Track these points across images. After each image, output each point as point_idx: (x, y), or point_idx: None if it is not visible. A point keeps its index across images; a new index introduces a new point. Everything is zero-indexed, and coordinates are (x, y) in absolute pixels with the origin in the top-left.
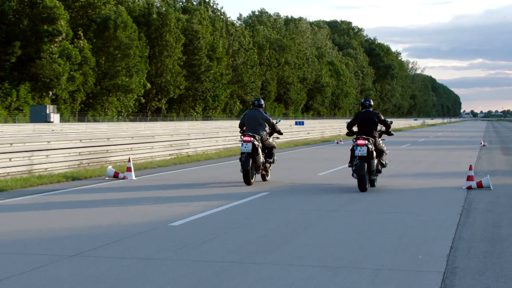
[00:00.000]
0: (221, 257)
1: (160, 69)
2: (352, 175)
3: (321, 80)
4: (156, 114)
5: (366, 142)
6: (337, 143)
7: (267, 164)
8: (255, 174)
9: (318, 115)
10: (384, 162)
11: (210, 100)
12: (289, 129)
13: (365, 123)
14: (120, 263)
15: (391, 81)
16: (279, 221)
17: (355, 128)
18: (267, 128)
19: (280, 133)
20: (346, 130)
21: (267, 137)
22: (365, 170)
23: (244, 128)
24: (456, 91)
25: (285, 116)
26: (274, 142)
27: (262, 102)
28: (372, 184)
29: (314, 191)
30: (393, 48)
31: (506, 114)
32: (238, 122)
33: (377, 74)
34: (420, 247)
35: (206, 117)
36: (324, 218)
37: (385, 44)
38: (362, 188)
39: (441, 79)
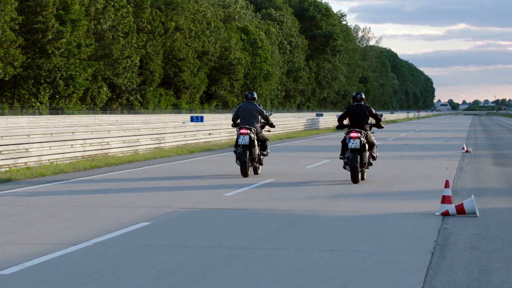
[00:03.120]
0: None
1: None
2: (344, 167)
3: (230, 55)
4: None
5: (359, 135)
6: None
7: (261, 157)
8: (251, 166)
9: (225, 106)
10: (375, 155)
11: (62, 85)
12: (180, 128)
13: (357, 117)
14: None
15: (332, 58)
16: (163, 266)
17: (345, 122)
18: (260, 121)
19: (272, 126)
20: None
21: (260, 129)
22: (358, 162)
23: (238, 121)
24: (428, 71)
25: (176, 108)
26: (267, 135)
27: (255, 95)
28: (362, 177)
29: (220, 219)
30: (335, 8)
31: (500, 106)
32: (112, 116)
33: (312, 47)
34: None
35: (55, 109)
36: (232, 260)
37: (323, 2)
38: (354, 180)
39: (405, 54)
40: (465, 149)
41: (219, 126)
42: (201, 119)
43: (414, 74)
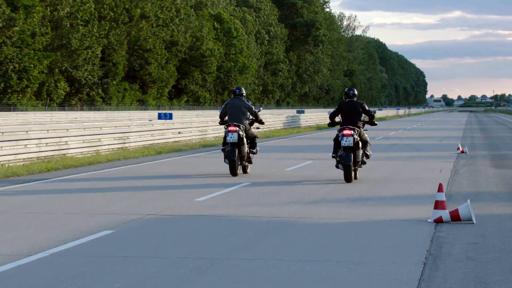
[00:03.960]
0: None
1: None
2: (337, 166)
3: (201, 45)
4: None
5: (352, 132)
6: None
7: (250, 155)
8: (240, 165)
9: (197, 102)
10: (368, 153)
11: (15, 78)
12: (147, 126)
13: (350, 113)
14: None
15: (315, 49)
16: (127, 279)
17: (337, 119)
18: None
19: (262, 122)
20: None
21: (249, 126)
22: (351, 160)
23: (226, 118)
24: (419, 64)
25: (142, 104)
26: (256, 132)
27: (244, 91)
28: (355, 176)
29: (191, 227)
30: None
31: (499, 102)
32: (70, 113)
33: (293, 37)
34: None
35: (7, 105)
36: (204, 273)
37: None
38: (347, 179)
39: (394, 44)
40: (461, 149)
41: (190, 124)
42: (170, 117)
43: (405, 67)
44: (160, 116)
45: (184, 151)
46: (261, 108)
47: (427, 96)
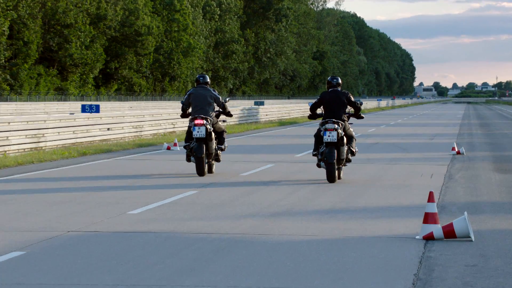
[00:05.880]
0: None
1: None
2: (318, 165)
3: (136, 21)
4: None
5: (336, 126)
6: (169, 148)
7: (218, 152)
8: (206, 163)
9: (130, 91)
10: (354, 150)
11: None
12: (68, 121)
13: (333, 105)
14: None
15: (277, 25)
16: None
17: (319, 111)
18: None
19: (229, 114)
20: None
21: (216, 119)
22: (334, 157)
23: (190, 110)
24: (406, 44)
25: (61, 93)
26: (224, 126)
27: (208, 78)
28: (339, 176)
29: (122, 246)
30: None
31: (503, 91)
32: None
33: (249, 11)
34: None
35: None
36: None
37: None
38: (331, 178)
39: (375, 20)
40: (456, 149)
41: (122, 119)
42: (96, 109)
43: (388, 47)
44: (84, 109)
45: (115, 152)
46: (228, 99)
47: (415, 84)
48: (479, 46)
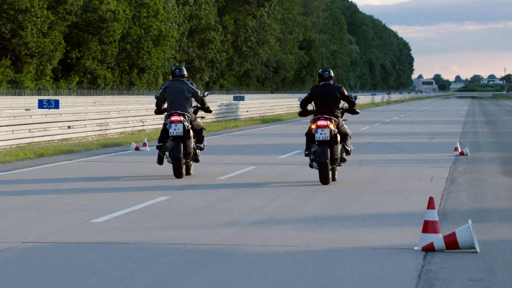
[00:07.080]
0: None
1: None
2: (311, 165)
3: (100, 5)
4: None
5: (328, 123)
6: (137, 148)
7: (197, 151)
8: (184, 164)
9: (94, 85)
10: (349, 148)
11: None
12: (23, 118)
13: (325, 100)
14: None
15: (258, 10)
16: None
17: (310, 106)
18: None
19: (209, 110)
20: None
21: (194, 116)
22: (327, 157)
23: (165, 106)
24: (403, 32)
25: (15, 86)
26: (202, 123)
27: (185, 71)
28: (333, 177)
29: (85, 259)
30: None
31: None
32: None
33: None
34: None
35: None
36: None
37: None
38: (324, 180)
39: (368, 5)
40: (459, 150)
41: (84, 116)
42: (55, 105)
43: (383, 36)
44: (41, 104)
45: (76, 153)
46: (207, 93)
47: (414, 76)
48: (485, 34)
